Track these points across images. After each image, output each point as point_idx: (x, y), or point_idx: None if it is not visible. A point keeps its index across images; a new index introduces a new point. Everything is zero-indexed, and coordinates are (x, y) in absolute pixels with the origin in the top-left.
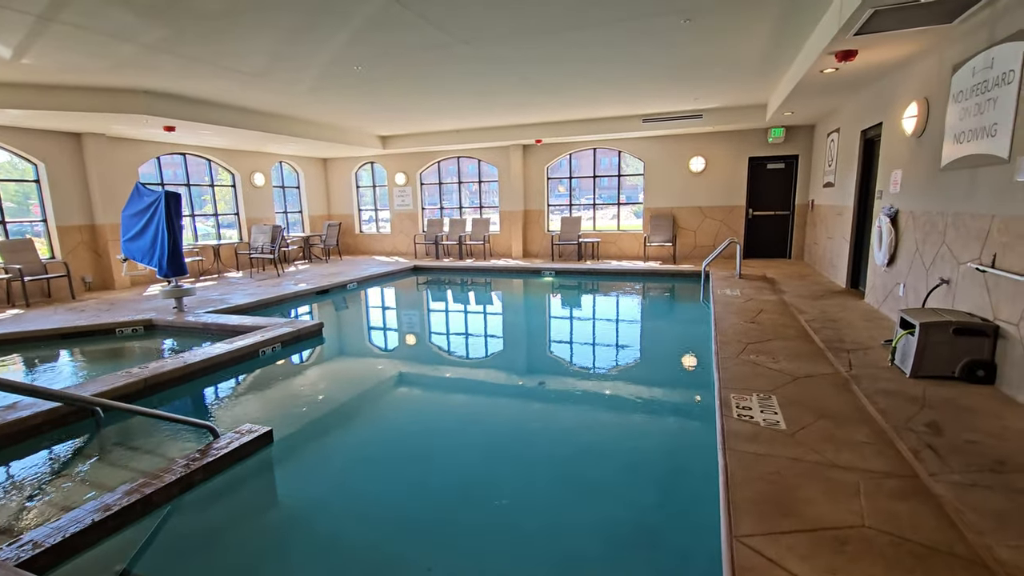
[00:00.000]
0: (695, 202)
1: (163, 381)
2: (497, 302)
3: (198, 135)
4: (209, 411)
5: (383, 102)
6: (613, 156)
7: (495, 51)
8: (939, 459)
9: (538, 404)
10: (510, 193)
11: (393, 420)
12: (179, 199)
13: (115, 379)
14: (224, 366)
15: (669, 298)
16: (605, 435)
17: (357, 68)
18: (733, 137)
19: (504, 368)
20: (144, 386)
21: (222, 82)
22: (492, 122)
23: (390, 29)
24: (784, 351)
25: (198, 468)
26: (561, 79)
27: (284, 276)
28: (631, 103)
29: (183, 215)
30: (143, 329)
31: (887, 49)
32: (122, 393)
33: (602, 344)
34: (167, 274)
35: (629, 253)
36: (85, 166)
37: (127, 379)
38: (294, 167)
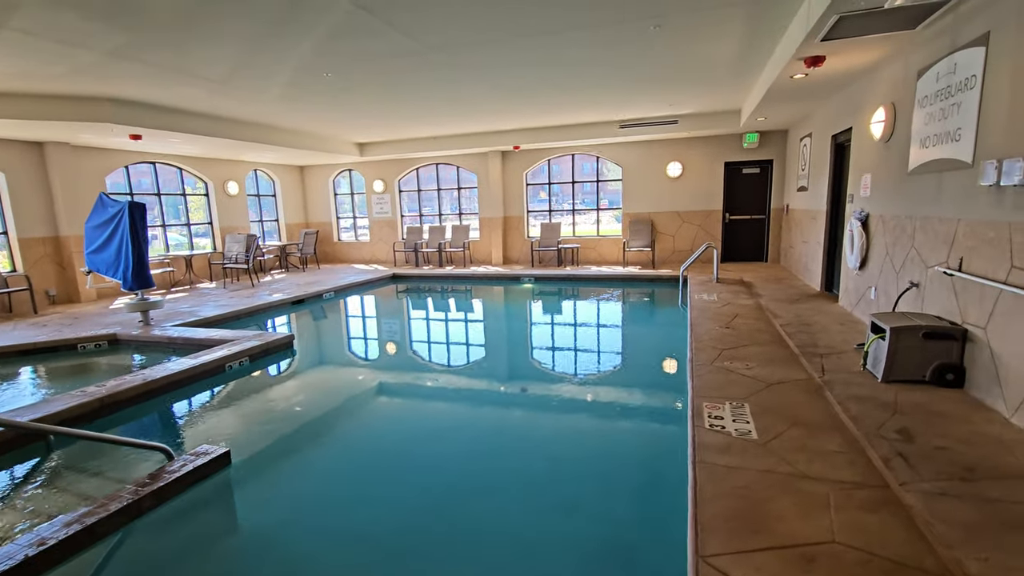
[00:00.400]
0: (673, 207)
1: (121, 400)
2: (475, 310)
3: (167, 143)
4: (169, 431)
5: (357, 109)
6: (592, 162)
7: (465, 58)
8: (909, 468)
9: (511, 416)
10: (489, 199)
11: (362, 436)
12: (144, 209)
13: (68, 399)
14: (187, 382)
15: (647, 303)
16: (580, 446)
17: (327, 75)
18: (709, 142)
19: (478, 378)
20: (100, 406)
21: (188, 89)
22: (470, 128)
23: (357, 36)
24: (758, 357)
25: (148, 494)
26: (535, 85)
27: (259, 286)
28: (607, 109)
29: (149, 226)
30: (107, 344)
31: (854, 55)
32: (76, 414)
33: (578, 351)
34: (132, 287)
35: (609, 258)
36: (48, 176)
37: (81, 399)
38: (270, 175)
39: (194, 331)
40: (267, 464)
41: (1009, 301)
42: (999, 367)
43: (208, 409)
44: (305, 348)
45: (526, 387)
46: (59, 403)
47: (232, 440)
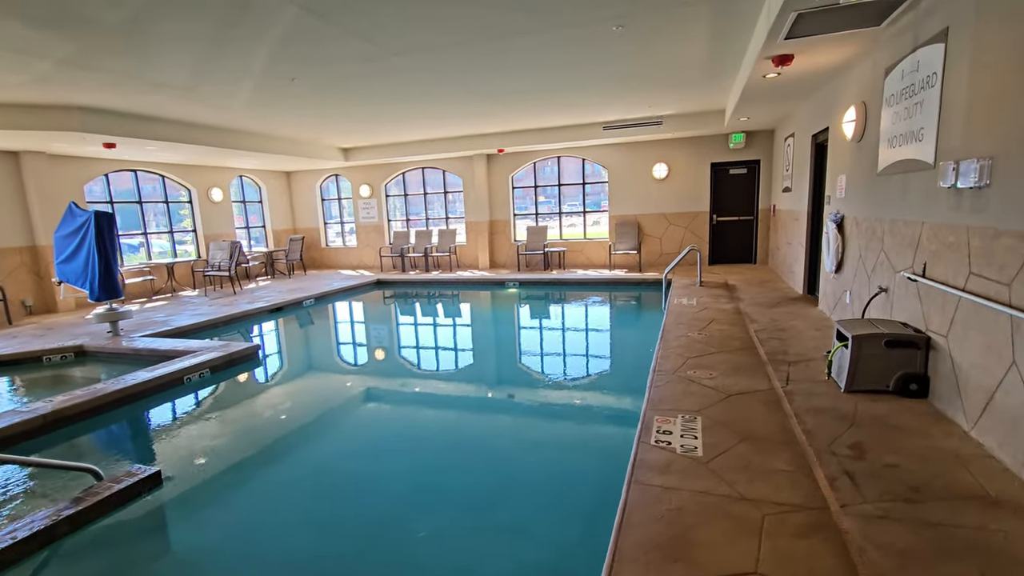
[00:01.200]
0: (659, 209)
1: (67, 416)
2: (452, 316)
3: (144, 151)
4: (110, 449)
5: (333, 114)
6: (577, 164)
7: (429, 62)
8: (854, 487)
9: (466, 430)
10: (475, 203)
11: (311, 453)
12: (111, 219)
13: (11, 416)
14: (142, 396)
15: (627, 308)
16: (532, 462)
17: (293, 80)
18: (694, 143)
19: (439, 390)
20: (43, 423)
21: (154, 97)
22: (453, 132)
23: (313, 42)
24: (724, 365)
25: (63, 519)
26: (506, 89)
27: (241, 294)
28: (587, 111)
29: (122, 234)
30: (73, 356)
31: (823, 54)
32: (17, 431)
33: (544, 358)
34: (99, 297)
35: (596, 261)
36: (24, 185)
37: (25, 415)
38: (255, 181)
39: (161, 342)
40: (204, 484)
41: (967, 309)
42: (959, 377)
43: (155, 425)
44: (271, 358)
45: (486, 397)
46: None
47: (173, 458)
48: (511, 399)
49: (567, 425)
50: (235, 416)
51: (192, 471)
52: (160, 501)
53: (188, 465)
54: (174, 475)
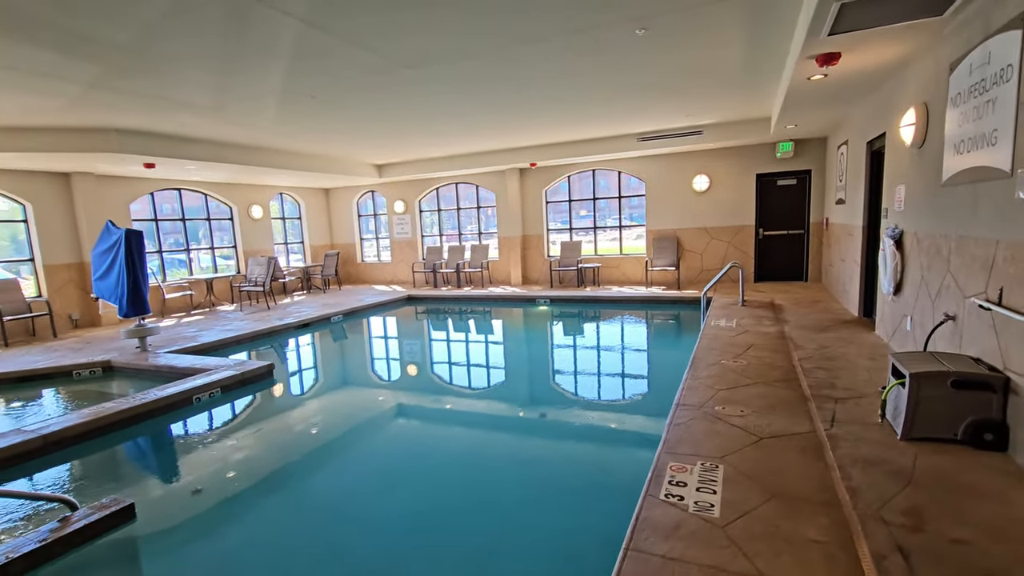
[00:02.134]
0: (700, 223)
1: (67, 438)
2: (479, 335)
3: (184, 170)
4: (98, 476)
5: (357, 131)
6: (613, 177)
7: (441, 74)
8: (909, 571)
9: (470, 473)
10: (508, 218)
11: (307, 484)
12: (140, 237)
13: (10, 437)
14: (148, 416)
15: (660, 329)
16: (535, 507)
17: (313, 97)
18: (738, 153)
19: (455, 419)
20: (43, 443)
21: (184, 117)
22: (484, 147)
23: (321, 55)
24: (759, 400)
25: (18, 558)
26: (526, 101)
27: (275, 309)
28: (620, 122)
29: (146, 253)
30: (101, 371)
31: (874, 50)
32: (15, 452)
33: (559, 384)
34: (127, 313)
35: (633, 278)
36: (74, 205)
37: (21, 437)
38: (295, 198)
39: (182, 359)
40: (183, 518)
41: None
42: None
43: (153, 449)
44: (286, 377)
45: (495, 429)
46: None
47: (157, 488)
48: (520, 431)
49: (571, 469)
50: (238, 441)
51: (172, 503)
52: (130, 537)
53: (172, 496)
54: (153, 507)
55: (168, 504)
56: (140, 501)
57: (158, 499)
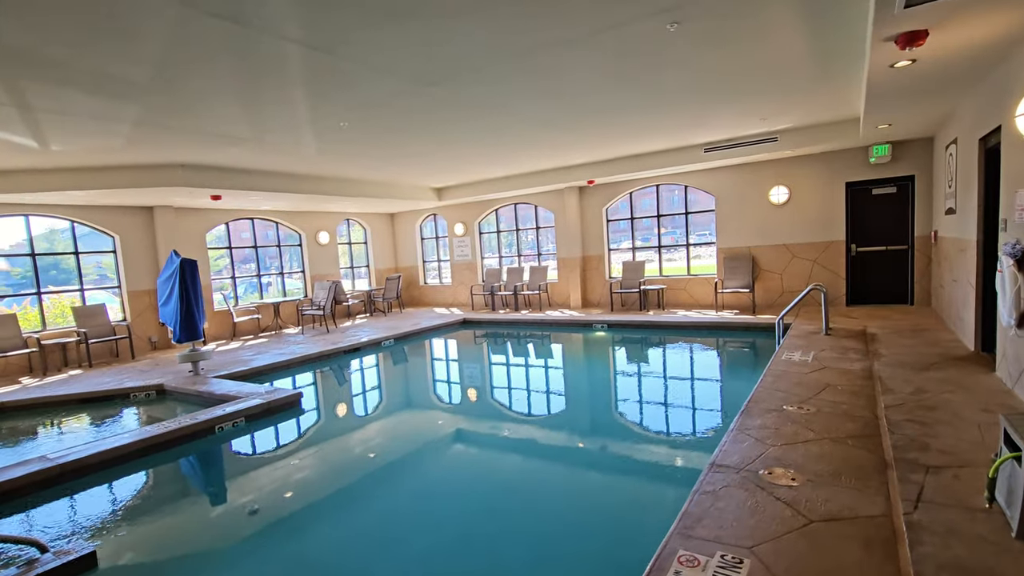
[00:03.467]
0: (779, 239)
1: (86, 466)
2: (531, 361)
3: (249, 200)
4: (91, 512)
5: (403, 155)
6: (679, 192)
7: (470, 91)
8: None
9: (475, 526)
10: (567, 238)
11: (330, 532)
12: (194, 266)
13: (29, 466)
14: (168, 446)
15: (725, 361)
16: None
17: (343, 124)
18: (822, 160)
19: (477, 463)
20: (58, 472)
21: (233, 150)
22: (538, 165)
23: (334, 80)
24: (822, 463)
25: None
26: (565, 114)
27: (335, 332)
28: (681, 133)
29: (199, 281)
30: (155, 394)
31: (972, 23)
32: (31, 481)
33: (584, 427)
34: (179, 339)
35: (702, 300)
36: (155, 236)
37: (41, 465)
38: (361, 223)
39: (224, 384)
40: (166, 570)
41: None
42: None
43: (155, 484)
44: (315, 407)
45: (505, 474)
46: (17, 470)
47: (143, 530)
48: (523, 482)
49: (561, 534)
50: (251, 475)
51: (158, 550)
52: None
53: (164, 540)
54: (145, 553)
55: (140, 552)
56: (107, 549)
57: (127, 545)
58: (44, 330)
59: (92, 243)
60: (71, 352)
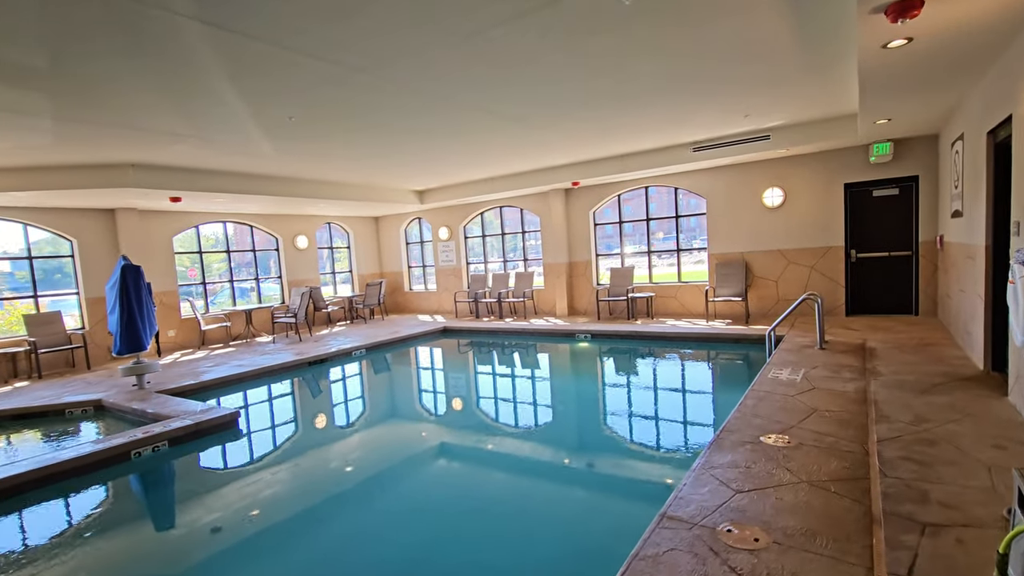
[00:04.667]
0: (773, 244)
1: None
2: (507, 372)
3: (215, 203)
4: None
5: (369, 154)
6: (669, 195)
7: (408, 79)
8: None
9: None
10: (553, 244)
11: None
12: (136, 272)
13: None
14: (72, 475)
15: (707, 378)
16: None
17: (289, 119)
18: (819, 159)
19: (429, 506)
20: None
21: (180, 148)
22: (520, 167)
23: (265, 69)
24: (795, 516)
25: None
26: (534, 109)
27: (309, 341)
28: (667, 131)
29: (144, 287)
30: (92, 411)
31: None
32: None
33: (519, 467)
34: (120, 351)
35: (693, 309)
36: (118, 239)
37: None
38: (344, 227)
39: (167, 401)
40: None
41: None
42: None
43: (46, 524)
44: (258, 427)
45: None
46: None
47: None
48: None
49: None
50: (165, 515)
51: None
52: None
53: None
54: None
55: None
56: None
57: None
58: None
59: (51, 248)
60: (21, 362)
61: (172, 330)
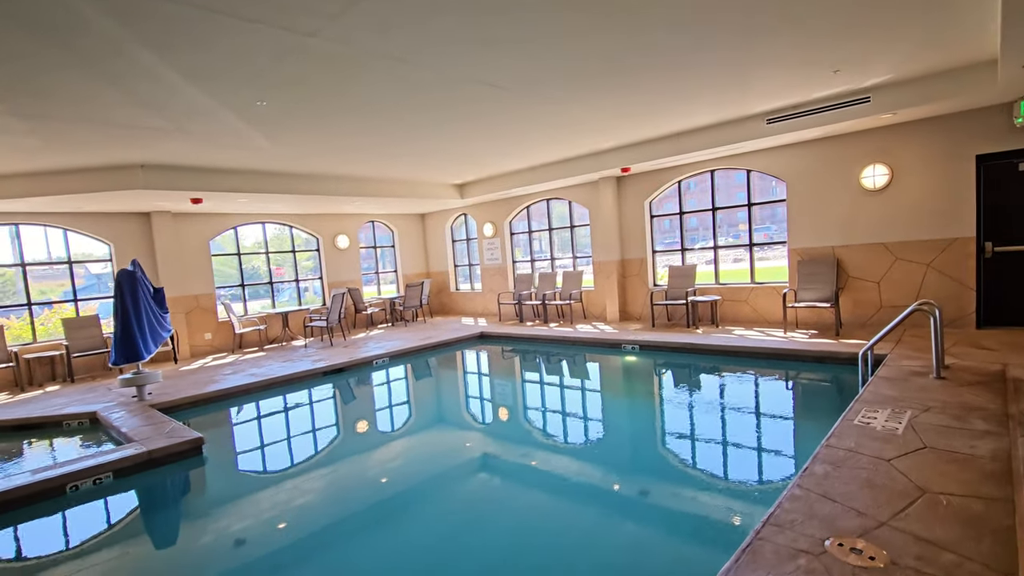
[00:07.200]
0: (875, 236)
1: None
2: (535, 390)
3: (234, 203)
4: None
5: (377, 142)
6: (740, 178)
7: (363, 41)
8: None
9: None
10: (603, 239)
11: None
12: (131, 277)
13: None
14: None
15: (781, 414)
16: None
17: (260, 103)
18: (939, 126)
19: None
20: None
21: (178, 146)
22: (562, 153)
23: (195, 39)
24: None
25: None
26: (544, 76)
27: (340, 345)
28: (731, 99)
29: (141, 293)
30: (88, 423)
31: None
32: None
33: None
34: (115, 361)
35: (768, 316)
36: (153, 243)
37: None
38: (388, 225)
39: (150, 417)
40: None
41: None
42: None
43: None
44: (226, 457)
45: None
46: None
47: None
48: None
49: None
50: (94, 568)
51: None
52: None
53: None
54: None
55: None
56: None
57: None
58: (35, 342)
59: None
60: (58, 366)
61: (209, 333)
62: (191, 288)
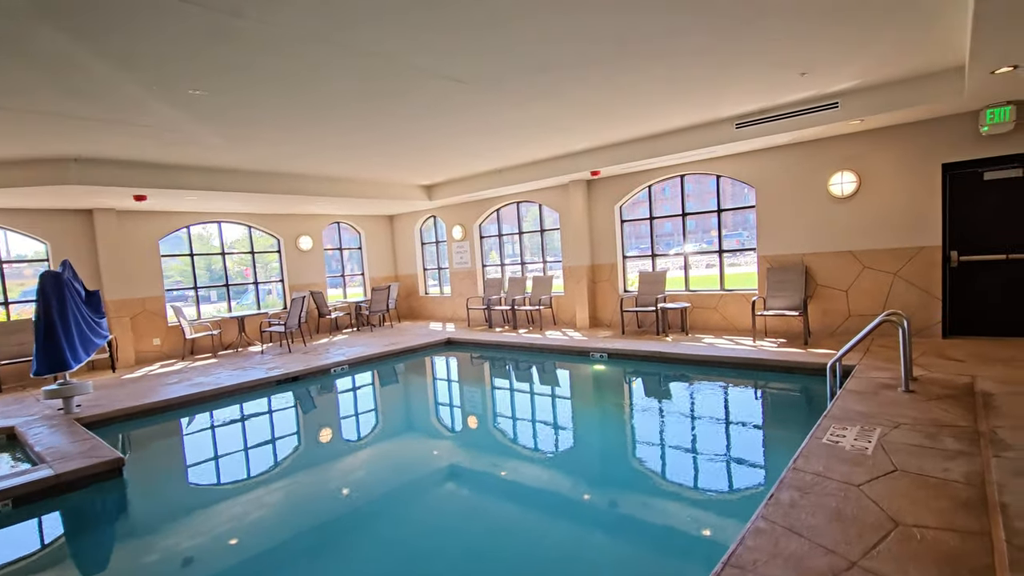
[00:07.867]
0: (843, 244)
1: None
2: (504, 399)
3: (184, 202)
4: None
5: (337, 144)
6: (709, 184)
7: (301, 22)
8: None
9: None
10: (573, 243)
11: None
12: (56, 279)
13: None
14: None
15: (746, 428)
16: None
17: (195, 92)
18: (907, 133)
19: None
20: None
21: (122, 139)
22: (534, 155)
23: (124, 21)
24: None
25: None
26: (504, 69)
27: (299, 351)
28: (701, 102)
29: (68, 298)
30: (5, 439)
31: None
32: None
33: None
34: (37, 371)
35: (738, 324)
36: (96, 242)
37: None
38: (354, 227)
39: (73, 434)
40: None
41: None
42: None
43: None
44: (152, 478)
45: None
46: None
47: None
48: None
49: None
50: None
51: None
52: None
53: None
54: None
55: None
56: None
57: None
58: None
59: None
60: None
61: (158, 338)
62: (137, 291)
